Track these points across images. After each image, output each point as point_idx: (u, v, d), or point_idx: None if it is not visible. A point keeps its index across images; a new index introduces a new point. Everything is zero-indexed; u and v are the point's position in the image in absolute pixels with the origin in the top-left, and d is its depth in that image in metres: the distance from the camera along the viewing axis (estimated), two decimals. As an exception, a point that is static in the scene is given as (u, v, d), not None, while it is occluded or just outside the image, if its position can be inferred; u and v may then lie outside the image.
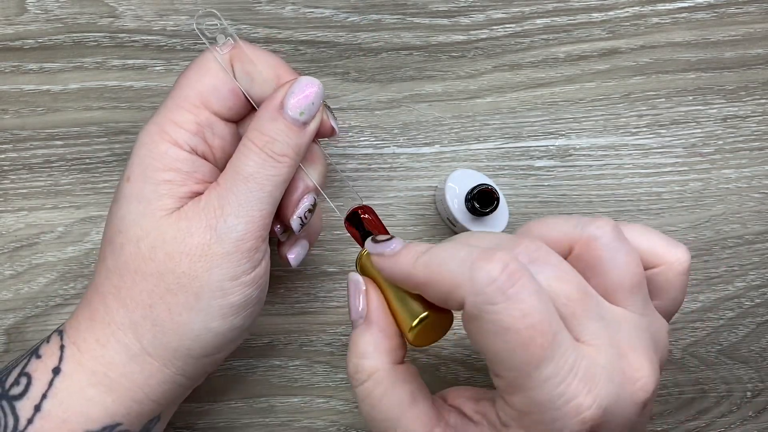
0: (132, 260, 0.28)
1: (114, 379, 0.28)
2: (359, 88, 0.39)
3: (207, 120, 0.30)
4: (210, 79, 0.30)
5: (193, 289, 0.28)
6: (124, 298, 0.28)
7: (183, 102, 0.29)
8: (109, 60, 0.38)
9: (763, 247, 0.40)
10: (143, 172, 0.29)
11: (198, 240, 0.28)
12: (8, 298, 0.37)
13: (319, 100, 0.29)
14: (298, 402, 0.39)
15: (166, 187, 0.28)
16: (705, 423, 0.40)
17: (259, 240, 0.29)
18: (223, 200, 0.28)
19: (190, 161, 0.29)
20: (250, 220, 0.28)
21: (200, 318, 0.28)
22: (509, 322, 0.22)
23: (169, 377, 0.29)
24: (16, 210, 0.38)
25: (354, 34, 0.39)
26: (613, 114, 0.40)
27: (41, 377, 0.28)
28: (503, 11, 0.39)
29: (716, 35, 0.40)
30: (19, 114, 0.38)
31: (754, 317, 0.40)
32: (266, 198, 0.28)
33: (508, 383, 0.23)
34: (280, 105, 0.29)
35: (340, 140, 0.39)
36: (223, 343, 0.29)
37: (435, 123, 0.39)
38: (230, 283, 0.28)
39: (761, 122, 0.40)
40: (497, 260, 0.22)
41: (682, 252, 0.27)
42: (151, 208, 0.28)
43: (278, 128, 0.29)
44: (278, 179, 0.29)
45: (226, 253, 0.28)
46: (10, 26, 0.37)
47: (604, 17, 0.39)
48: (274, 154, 0.29)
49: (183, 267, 0.28)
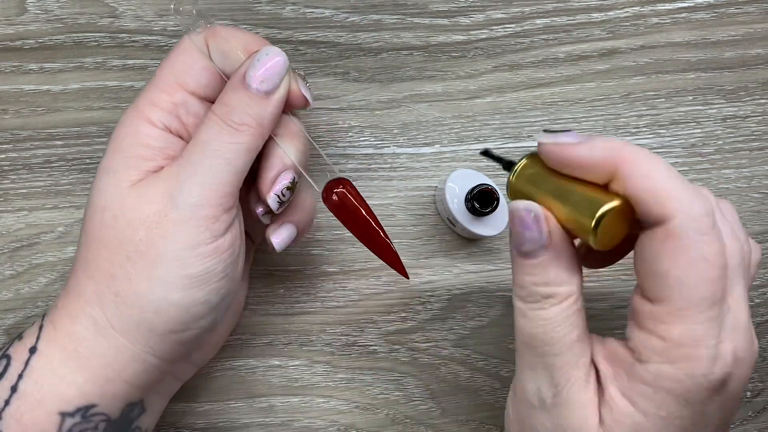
0: (97, 230, 0.28)
1: (84, 356, 0.28)
2: (359, 88, 0.39)
3: (182, 99, 0.30)
4: (184, 58, 0.30)
5: (151, 258, 0.28)
6: (91, 270, 0.28)
7: (160, 83, 0.30)
8: (109, 60, 0.38)
9: (763, 248, 0.40)
10: (116, 148, 0.29)
11: (155, 207, 0.28)
12: (8, 298, 0.37)
13: (281, 71, 0.29)
14: (298, 402, 0.39)
15: (134, 161, 0.29)
16: (705, 423, 0.40)
17: (219, 209, 0.28)
18: (180, 168, 0.28)
19: (162, 138, 0.29)
20: (207, 186, 0.28)
21: (159, 288, 0.28)
22: (713, 254, 0.23)
23: (137, 355, 0.29)
24: (17, 210, 0.38)
25: (354, 34, 0.39)
26: (613, 114, 0.40)
27: (19, 357, 0.28)
28: (503, 11, 0.39)
29: (716, 35, 0.40)
30: (19, 114, 0.38)
31: (754, 317, 0.40)
32: (224, 165, 0.28)
33: (672, 311, 0.23)
34: (243, 76, 0.29)
35: (340, 140, 0.39)
36: (187, 319, 0.29)
37: (435, 123, 0.39)
38: (188, 253, 0.28)
39: (761, 122, 0.40)
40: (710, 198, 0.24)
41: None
42: (117, 178, 0.29)
43: (238, 97, 0.29)
44: (239, 147, 0.28)
45: (182, 219, 0.27)
46: (10, 26, 0.37)
47: (604, 17, 0.39)
48: (233, 122, 0.28)
49: (140, 234, 0.28)
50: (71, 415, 0.28)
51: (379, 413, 0.39)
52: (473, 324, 0.39)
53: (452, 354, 0.39)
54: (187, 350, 0.30)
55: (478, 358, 0.39)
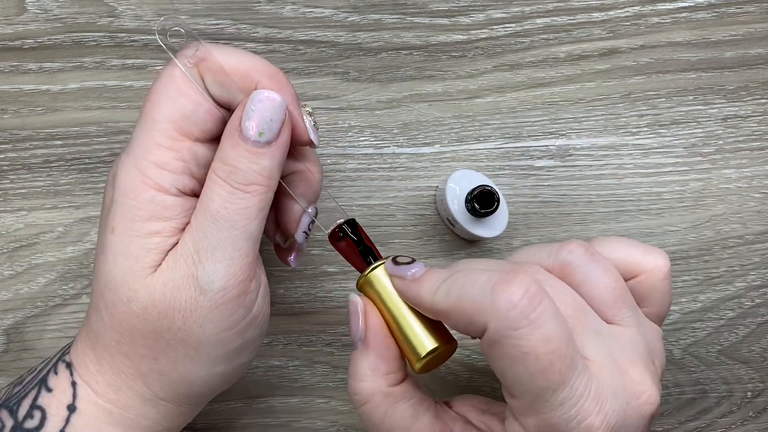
0: (127, 320, 0.27)
1: (132, 419, 0.28)
2: (359, 88, 0.39)
3: (189, 152, 0.27)
4: (183, 102, 0.27)
5: (192, 344, 0.27)
6: (126, 352, 0.28)
7: (159, 137, 0.26)
8: (108, 60, 0.38)
9: (763, 247, 0.40)
10: (128, 225, 0.26)
11: (185, 294, 0.26)
12: (8, 298, 0.37)
13: (279, 115, 0.26)
14: (298, 402, 0.39)
15: (154, 241, 0.26)
16: (705, 423, 0.40)
17: (246, 282, 0.27)
18: (197, 244, 0.26)
19: (179, 205, 0.27)
20: (230, 264, 0.26)
21: (204, 367, 0.28)
22: (531, 348, 0.22)
23: (185, 412, 0.30)
24: (16, 210, 0.38)
25: (354, 34, 0.38)
26: (614, 114, 0.40)
27: (56, 413, 0.28)
28: (503, 11, 0.39)
29: (716, 35, 0.40)
30: (18, 114, 0.37)
31: (754, 317, 0.40)
32: (241, 235, 0.26)
33: (524, 406, 0.23)
34: (238, 128, 0.26)
35: (340, 140, 0.39)
36: (232, 379, 0.30)
37: (435, 123, 0.39)
38: (227, 333, 0.27)
39: (761, 122, 0.40)
40: (518, 283, 0.23)
41: (661, 257, 0.27)
42: (139, 266, 0.26)
43: (239, 155, 0.26)
44: (250, 211, 0.26)
45: (214, 306, 0.26)
46: (9, 26, 0.37)
47: (604, 17, 0.39)
48: (239, 185, 0.26)
49: (178, 323, 0.27)
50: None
51: (379, 413, 0.39)
52: (473, 324, 0.39)
53: (452, 354, 0.39)
54: None
55: (478, 358, 0.39)
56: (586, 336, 0.24)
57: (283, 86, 0.27)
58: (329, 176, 0.39)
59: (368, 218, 0.39)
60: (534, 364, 0.22)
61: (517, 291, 0.22)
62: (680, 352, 0.40)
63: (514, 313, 0.22)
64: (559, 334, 0.22)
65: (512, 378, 0.23)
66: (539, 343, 0.22)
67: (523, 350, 0.22)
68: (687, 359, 0.40)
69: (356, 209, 0.39)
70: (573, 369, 0.22)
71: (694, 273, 0.40)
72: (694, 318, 0.40)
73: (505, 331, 0.22)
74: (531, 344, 0.22)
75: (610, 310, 0.26)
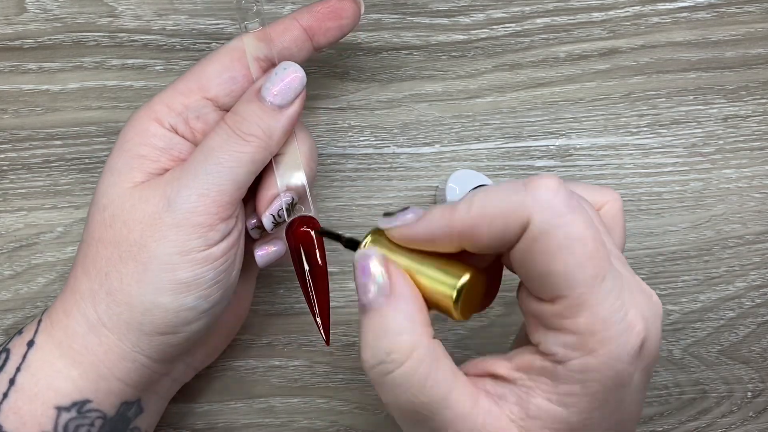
0: (97, 228, 0.29)
1: (77, 351, 0.28)
2: (359, 88, 0.39)
3: (196, 103, 0.30)
4: (221, 62, 0.30)
5: (142, 259, 0.28)
6: (87, 266, 0.29)
7: (180, 85, 0.30)
8: (108, 59, 0.38)
9: (763, 247, 0.40)
10: (121, 146, 0.30)
11: (152, 208, 0.28)
12: (7, 298, 0.37)
13: (298, 87, 0.29)
14: (298, 402, 0.39)
15: (138, 161, 0.29)
16: (705, 423, 0.40)
17: (215, 217, 0.28)
18: (182, 172, 0.28)
19: (167, 138, 0.29)
20: (204, 193, 0.28)
21: (149, 291, 0.28)
22: (579, 232, 0.22)
23: (127, 353, 0.29)
24: (15, 210, 0.38)
25: (354, 34, 0.38)
26: (614, 114, 0.40)
27: (17, 351, 0.29)
28: (503, 11, 0.39)
29: (717, 35, 0.40)
30: (18, 114, 0.37)
31: (754, 317, 0.40)
32: (225, 173, 0.28)
33: (573, 302, 0.22)
34: (258, 89, 0.29)
35: (339, 140, 0.39)
36: (175, 322, 0.29)
37: (435, 123, 0.39)
38: (179, 258, 0.28)
39: (762, 122, 0.40)
40: (550, 177, 0.22)
41: (614, 192, 0.28)
42: (121, 179, 0.29)
43: (250, 109, 0.29)
44: (242, 157, 0.28)
45: (175, 224, 0.28)
46: (9, 26, 0.37)
47: (604, 17, 0.39)
48: (241, 132, 0.29)
49: (135, 235, 0.28)
50: (67, 409, 0.28)
51: (379, 414, 0.39)
52: (473, 324, 0.39)
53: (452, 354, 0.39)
54: (177, 352, 0.30)
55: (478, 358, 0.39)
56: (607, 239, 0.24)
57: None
58: (329, 176, 0.39)
59: (368, 218, 0.39)
60: (582, 249, 0.22)
61: (552, 181, 0.22)
62: (680, 352, 0.40)
63: (557, 201, 0.22)
64: (595, 221, 0.23)
65: (560, 272, 0.22)
66: (585, 228, 0.22)
67: (572, 236, 0.22)
68: (687, 359, 0.40)
69: (356, 209, 0.39)
70: (610, 257, 0.23)
71: (694, 273, 0.40)
72: (694, 318, 0.40)
73: (553, 219, 0.22)
74: (579, 229, 0.22)
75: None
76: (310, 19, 0.31)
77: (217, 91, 0.30)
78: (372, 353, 0.23)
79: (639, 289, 0.24)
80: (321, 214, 0.38)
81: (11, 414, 0.28)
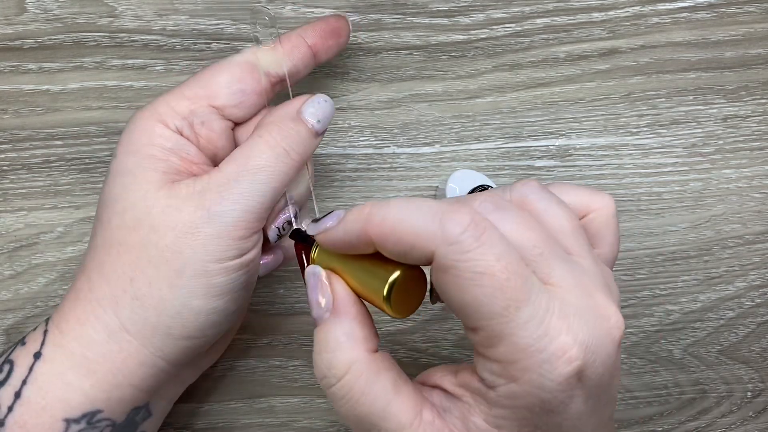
0: (117, 232, 0.28)
1: (93, 360, 0.28)
2: (359, 88, 0.39)
3: (202, 110, 0.30)
4: (232, 73, 0.31)
5: (176, 265, 0.28)
6: (107, 272, 0.28)
7: (187, 91, 0.30)
8: (108, 60, 0.38)
9: (763, 247, 0.40)
10: (127, 148, 0.29)
11: (187, 217, 0.28)
12: (8, 298, 0.37)
13: (331, 113, 0.31)
14: (298, 402, 0.39)
15: (149, 161, 0.29)
16: (705, 423, 0.40)
17: (251, 231, 0.29)
18: (223, 188, 0.28)
19: (174, 139, 0.30)
20: (249, 209, 0.28)
21: (181, 294, 0.28)
22: (485, 266, 0.21)
23: (147, 358, 0.28)
24: (16, 210, 0.38)
25: (354, 34, 0.38)
26: (614, 114, 0.40)
27: (22, 363, 0.28)
28: (503, 11, 0.39)
29: (716, 35, 0.40)
30: (18, 114, 0.37)
31: (754, 317, 0.40)
32: (270, 192, 0.29)
33: (489, 333, 0.22)
34: (300, 110, 0.30)
35: (339, 140, 0.39)
36: (205, 325, 0.29)
37: (435, 123, 0.39)
38: (214, 265, 0.28)
39: (761, 122, 0.40)
40: (465, 212, 0.22)
41: (607, 196, 0.28)
42: (137, 180, 0.29)
43: (299, 128, 0.30)
44: (286, 177, 0.29)
45: (215, 234, 0.28)
46: (9, 26, 0.37)
47: (604, 17, 0.39)
48: (292, 150, 0.29)
49: (167, 240, 0.28)
50: (76, 421, 0.28)
51: (379, 413, 0.39)
52: (473, 324, 0.39)
53: (452, 354, 0.39)
54: (196, 354, 0.30)
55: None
56: (554, 261, 0.23)
57: None
58: (329, 176, 0.39)
59: (368, 218, 0.39)
60: (490, 282, 0.21)
61: (465, 217, 0.22)
62: (680, 352, 0.40)
63: (464, 236, 0.22)
64: (510, 252, 0.22)
65: (471, 304, 0.22)
66: (493, 261, 0.21)
67: (477, 270, 0.21)
68: (687, 359, 0.40)
69: (356, 209, 0.39)
70: (530, 286, 0.22)
71: (694, 273, 0.40)
72: (694, 318, 0.40)
73: (457, 254, 0.22)
74: (485, 263, 0.21)
75: (569, 240, 0.25)
76: (314, 37, 0.32)
77: (225, 101, 0.31)
78: (317, 367, 0.25)
79: (587, 312, 0.23)
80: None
81: (17, 428, 0.27)
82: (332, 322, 0.25)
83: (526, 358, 0.22)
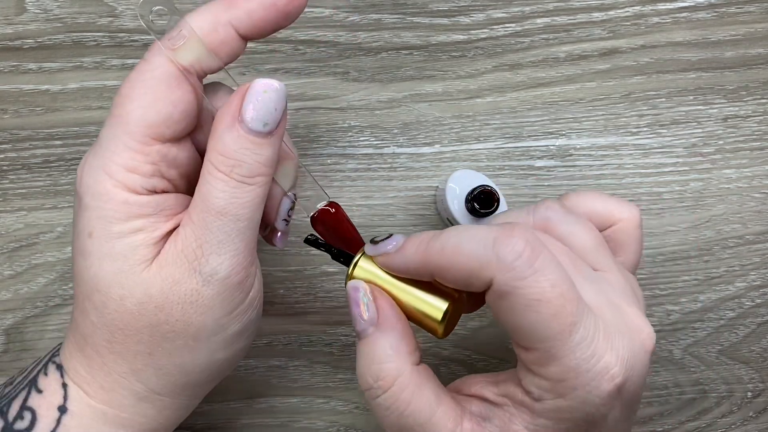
0: (119, 318, 0.27)
1: (127, 418, 0.28)
2: (359, 88, 0.39)
3: (160, 154, 0.26)
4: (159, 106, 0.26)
5: (191, 333, 0.27)
6: (119, 351, 0.27)
7: (129, 140, 0.26)
8: (108, 59, 0.38)
9: (763, 247, 0.40)
10: (106, 227, 0.26)
11: (185, 287, 0.26)
12: (7, 298, 0.37)
13: (282, 103, 0.26)
14: (298, 402, 0.39)
15: (139, 238, 0.26)
16: (705, 423, 0.40)
17: (248, 268, 0.27)
18: (200, 240, 0.26)
19: (154, 203, 0.26)
20: (234, 254, 0.26)
21: (203, 354, 0.27)
22: (541, 294, 0.23)
23: (182, 405, 0.29)
24: (16, 210, 0.38)
25: (354, 34, 0.38)
26: (614, 114, 0.40)
27: (46, 414, 0.27)
28: (503, 11, 0.39)
29: (717, 35, 0.40)
30: (18, 114, 0.37)
31: (754, 317, 0.40)
32: (245, 227, 0.26)
33: (542, 355, 0.23)
34: (237, 116, 0.25)
35: (339, 140, 0.39)
36: (231, 365, 0.29)
37: (435, 123, 0.39)
38: (226, 319, 0.27)
39: (762, 122, 0.40)
40: (518, 236, 0.23)
41: (633, 206, 0.29)
42: (129, 264, 0.26)
43: (243, 146, 0.25)
44: (254, 203, 0.26)
45: (216, 294, 0.26)
46: (9, 26, 0.37)
47: (604, 17, 0.39)
48: (245, 177, 0.26)
49: (176, 315, 0.26)
50: None
51: (379, 413, 0.39)
52: (473, 324, 0.39)
53: (452, 354, 0.39)
54: None
55: (478, 358, 0.39)
56: (583, 283, 0.25)
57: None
58: (329, 176, 0.39)
59: (368, 218, 0.39)
60: (546, 309, 0.23)
61: (519, 242, 0.23)
62: (680, 352, 0.40)
63: (519, 263, 0.23)
64: (564, 278, 0.23)
65: (527, 328, 0.23)
66: (548, 288, 0.23)
67: (534, 297, 0.23)
68: (687, 359, 0.40)
69: (356, 209, 0.39)
70: (581, 310, 0.23)
71: (694, 273, 0.40)
72: (694, 318, 0.40)
73: (514, 281, 0.23)
74: (540, 290, 0.23)
75: (593, 256, 0.27)
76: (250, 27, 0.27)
77: (171, 132, 0.26)
78: (363, 378, 0.26)
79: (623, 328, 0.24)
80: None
81: None
82: (379, 336, 0.26)
83: (575, 378, 0.23)
